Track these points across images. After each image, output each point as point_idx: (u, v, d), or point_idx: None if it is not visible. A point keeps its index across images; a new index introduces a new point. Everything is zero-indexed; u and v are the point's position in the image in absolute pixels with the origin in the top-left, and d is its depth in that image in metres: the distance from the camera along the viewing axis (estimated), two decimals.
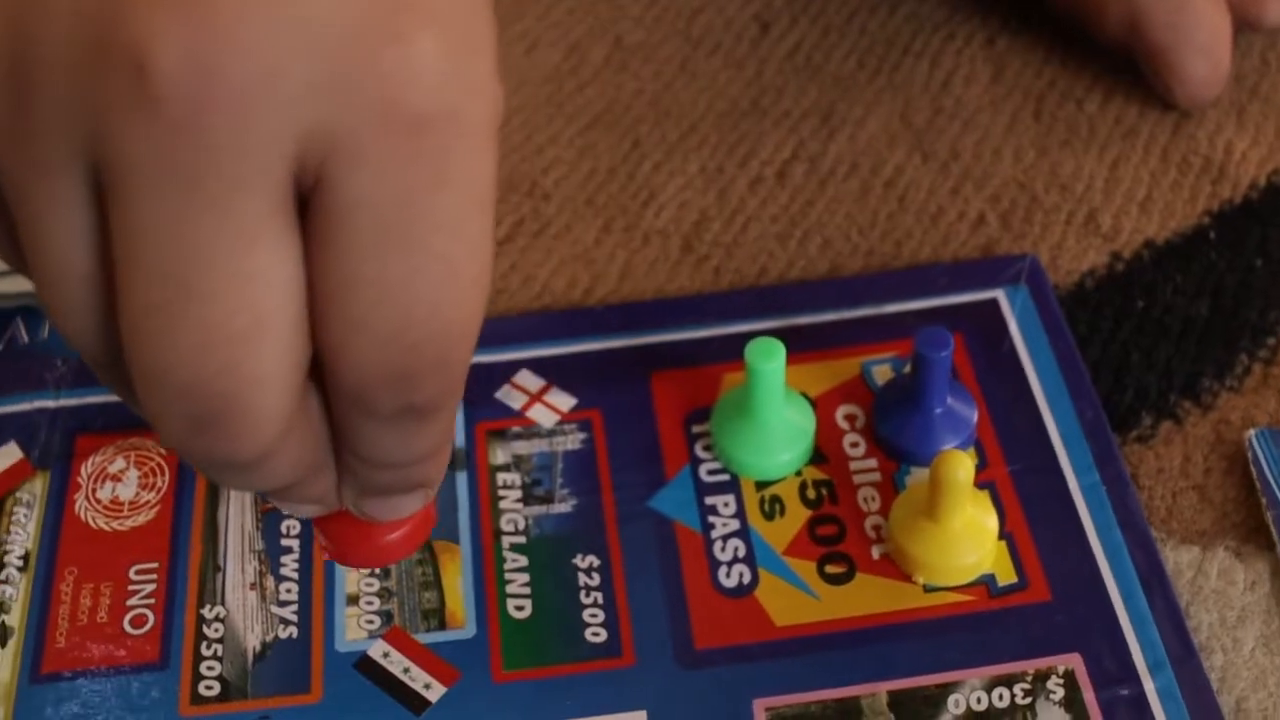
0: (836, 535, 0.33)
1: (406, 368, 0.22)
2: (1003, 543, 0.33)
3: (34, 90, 0.20)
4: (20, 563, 0.34)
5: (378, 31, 0.20)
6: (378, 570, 0.33)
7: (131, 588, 0.33)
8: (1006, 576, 0.32)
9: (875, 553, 0.33)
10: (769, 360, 0.32)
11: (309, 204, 0.21)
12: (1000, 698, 0.30)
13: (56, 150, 0.20)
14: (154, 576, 0.33)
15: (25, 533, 0.34)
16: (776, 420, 0.34)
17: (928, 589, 0.32)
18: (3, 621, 0.33)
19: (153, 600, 0.33)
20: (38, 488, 0.35)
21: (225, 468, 0.23)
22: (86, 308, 0.22)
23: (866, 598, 0.32)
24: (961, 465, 0.31)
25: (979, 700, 0.30)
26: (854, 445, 0.35)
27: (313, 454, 0.24)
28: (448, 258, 0.21)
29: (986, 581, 0.32)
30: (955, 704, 0.30)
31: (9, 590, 0.33)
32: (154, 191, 0.20)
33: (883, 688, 0.31)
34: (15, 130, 0.21)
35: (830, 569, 0.32)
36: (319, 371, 0.22)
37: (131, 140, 0.20)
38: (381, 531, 0.28)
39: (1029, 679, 0.30)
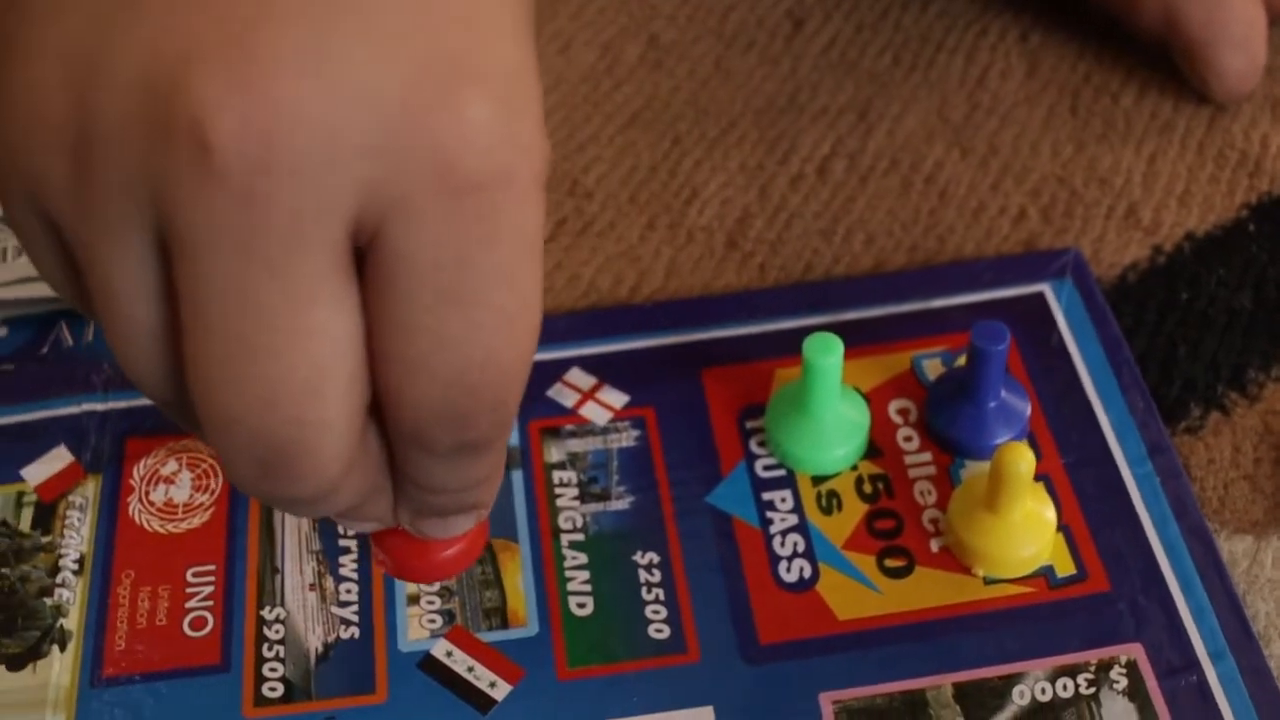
0: (895, 529, 0.33)
1: (463, 409, 0.23)
2: (1060, 534, 0.33)
3: (98, 160, 0.21)
4: (76, 566, 0.33)
5: (430, 97, 0.21)
6: None
7: (189, 590, 0.33)
8: (1065, 568, 0.32)
9: (934, 546, 0.33)
10: (827, 355, 0.33)
11: (366, 257, 0.22)
12: (1064, 688, 0.30)
13: (121, 215, 0.21)
14: (212, 579, 0.33)
15: (79, 536, 0.34)
16: (832, 415, 0.34)
17: (988, 581, 0.32)
18: (61, 625, 0.32)
19: (211, 603, 0.33)
20: (90, 491, 0.35)
21: (291, 504, 0.24)
22: (153, 357, 0.23)
23: (927, 591, 0.32)
24: (1023, 457, 0.31)
25: (1043, 691, 0.30)
26: (908, 439, 0.35)
27: (372, 482, 0.25)
28: (501, 308, 0.22)
29: (1045, 573, 0.32)
30: (1020, 695, 0.30)
31: (66, 594, 0.33)
32: (216, 255, 0.21)
33: (948, 680, 0.31)
34: (81, 197, 0.21)
35: (890, 563, 0.33)
36: (377, 405, 0.23)
37: (193, 208, 0.20)
38: (437, 548, 0.29)
39: (1092, 669, 0.31)
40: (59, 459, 0.36)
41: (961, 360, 0.36)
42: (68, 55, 0.21)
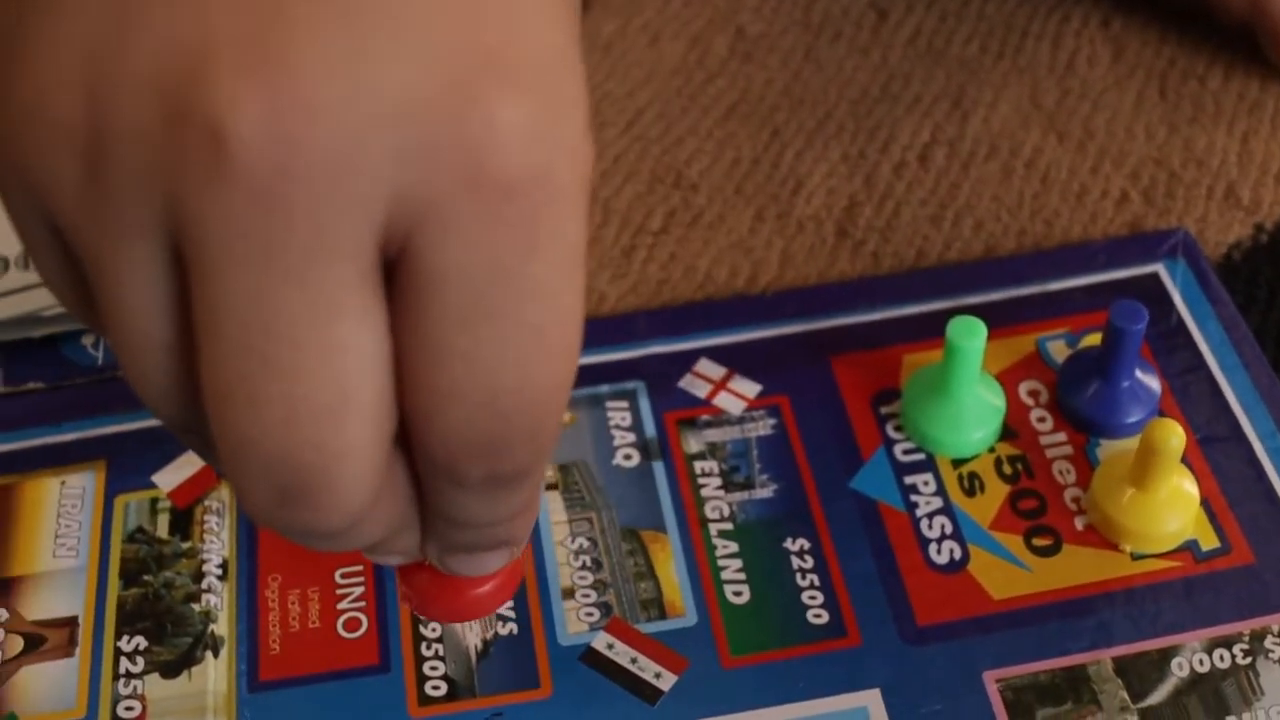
0: (1038, 509, 0.34)
1: (496, 438, 0.21)
2: (1201, 508, 0.33)
3: (111, 162, 0.19)
4: (220, 571, 0.33)
5: (461, 95, 0.19)
6: (590, 563, 0.33)
7: (339, 591, 0.33)
8: (1209, 542, 0.33)
9: (1079, 524, 0.33)
10: (971, 338, 0.33)
11: (395, 272, 0.20)
12: (1221, 659, 0.31)
13: (134, 219, 0.20)
14: (361, 579, 0.33)
15: (220, 540, 0.34)
16: (971, 398, 0.34)
17: (1135, 557, 0.33)
18: (212, 631, 0.32)
19: (363, 603, 0.32)
20: (225, 495, 0.34)
21: (312, 538, 0.22)
22: (166, 376, 0.21)
23: (1076, 568, 0.32)
24: (1174, 433, 0.31)
25: (1201, 662, 0.31)
26: (1041, 420, 0.35)
27: (399, 515, 0.24)
28: (539, 327, 0.20)
29: (1190, 547, 0.33)
30: (1179, 667, 0.31)
31: (213, 599, 0.33)
32: (233, 263, 0.19)
33: (1106, 655, 0.31)
34: (92, 200, 0.20)
35: (1037, 541, 0.33)
36: (404, 432, 0.22)
37: (209, 210, 0.19)
38: (467, 586, 0.27)
39: (1246, 639, 0.31)
40: (189, 464, 0.35)
41: (1086, 341, 0.36)
42: (78, 51, 0.19)
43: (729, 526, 0.33)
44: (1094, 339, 0.36)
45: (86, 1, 0.20)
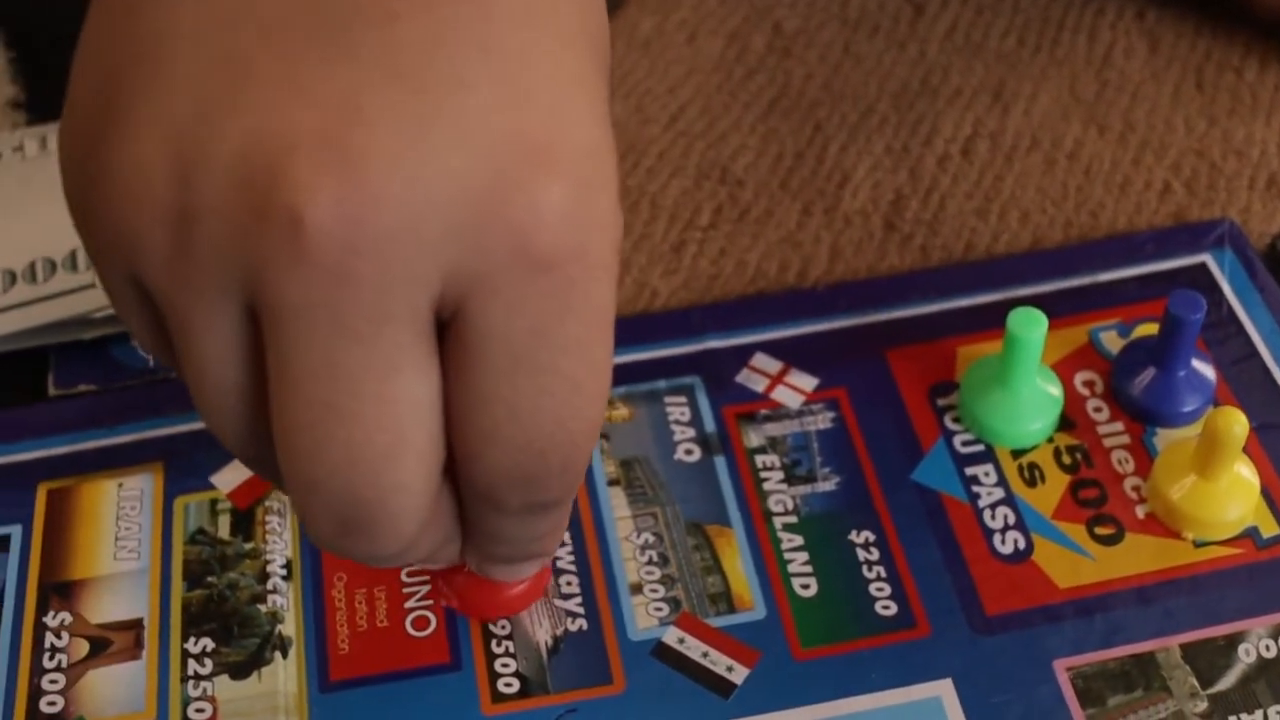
0: (1099, 498, 0.34)
1: (533, 473, 0.24)
2: (1259, 496, 0.34)
3: (197, 235, 0.22)
4: (284, 571, 0.33)
5: (507, 181, 0.22)
6: (656, 558, 0.33)
7: (406, 590, 0.33)
8: (1269, 528, 0.33)
9: (1140, 512, 0.33)
10: (1033, 329, 0.33)
11: (447, 330, 0.23)
12: None
13: (216, 286, 0.22)
14: (427, 579, 0.33)
15: (283, 541, 0.34)
16: (1030, 389, 0.34)
17: (1197, 544, 0.33)
18: (279, 631, 0.32)
19: (430, 602, 0.32)
20: (286, 496, 0.34)
21: (368, 560, 0.25)
22: (238, 416, 0.24)
23: (1139, 556, 0.33)
24: (1237, 420, 0.32)
25: (1267, 648, 0.31)
26: (1097, 410, 0.35)
27: (445, 534, 0.27)
28: (573, 378, 0.23)
29: (1251, 534, 0.33)
30: (1246, 653, 0.31)
31: (279, 600, 0.33)
32: (306, 327, 0.22)
33: (1173, 641, 0.31)
34: (177, 265, 0.22)
35: (1100, 530, 0.33)
36: (450, 463, 0.24)
37: (286, 284, 0.22)
38: (503, 586, 0.31)
39: None
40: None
41: (1139, 331, 0.37)
42: (172, 135, 0.22)
43: (793, 520, 0.34)
44: (1147, 329, 0.36)
45: (180, 88, 0.22)
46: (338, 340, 0.22)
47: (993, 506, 0.34)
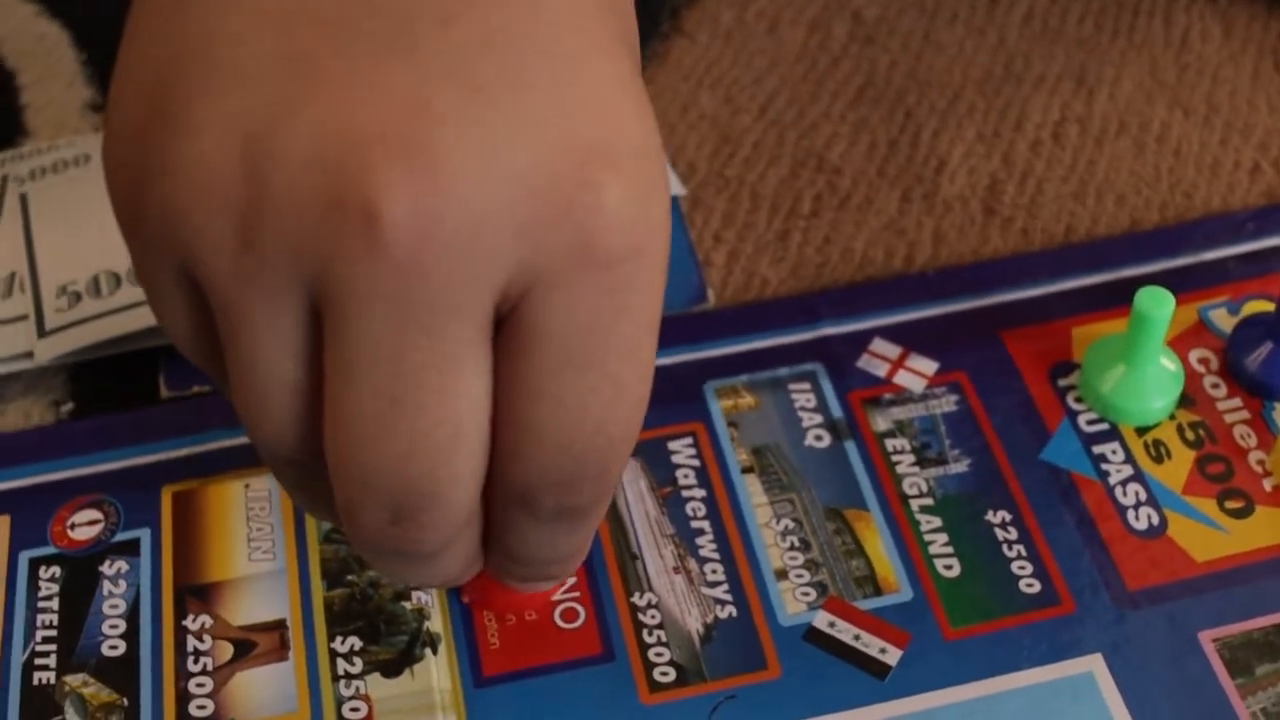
0: (1226, 473, 0.34)
1: (571, 474, 0.25)
2: None
3: (265, 226, 0.22)
4: None
5: (572, 180, 0.22)
6: (798, 543, 0.33)
7: None
8: None
9: (1267, 485, 0.34)
10: (1160, 308, 0.33)
11: (502, 324, 0.23)
12: None
13: (280, 278, 0.23)
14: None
15: None
16: (1154, 367, 0.35)
17: None
18: (427, 628, 0.32)
19: (577, 594, 0.32)
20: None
21: (409, 558, 0.26)
22: (288, 412, 0.24)
23: (1272, 528, 0.33)
24: None
25: None
26: (1214, 386, 0.36)
27: (474, 550, 0.27)
28: (619, 379, 0.24)
29: None
30: None
31: (423, 596, 0.32)
32: (374, 319, 0.22)
33: None
34: (241, 259, 0.23)
35: (1230, 504, 0.34)
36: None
37: (358, 278, 0.22)
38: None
39: None
40: None
41: (1249, 307, 0.37)
42: (241, 126, 0.22)
43: (929, 502, 0.34)
44: (1257, 305, 0.37)
45: (242, 85, 0.22)
46: (405, 333, 0.22)
47: (1123, 484, 0.34)
